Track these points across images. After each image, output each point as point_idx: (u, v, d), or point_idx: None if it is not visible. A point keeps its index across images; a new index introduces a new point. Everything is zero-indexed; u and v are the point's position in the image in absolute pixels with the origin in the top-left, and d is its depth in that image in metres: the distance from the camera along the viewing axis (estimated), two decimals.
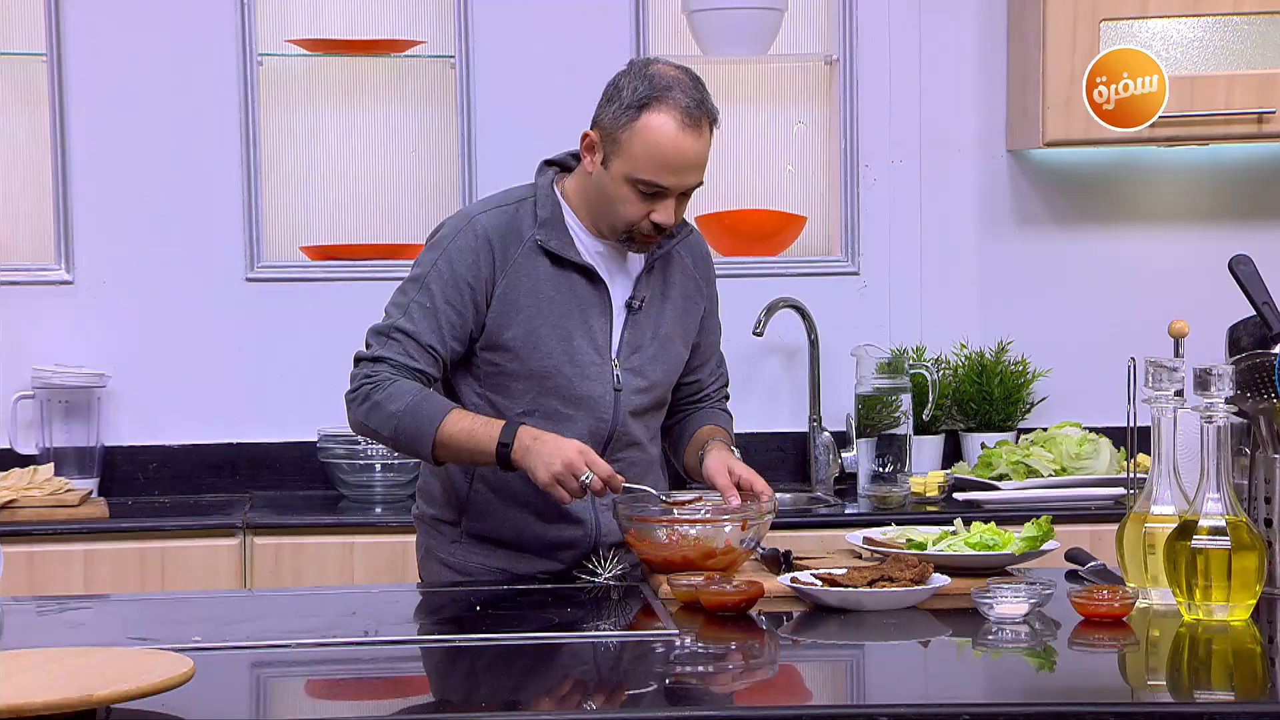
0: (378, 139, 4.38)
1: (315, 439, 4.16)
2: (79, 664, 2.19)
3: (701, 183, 2.99)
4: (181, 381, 4.26)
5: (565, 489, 2.85)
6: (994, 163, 4.44)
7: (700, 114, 2.92)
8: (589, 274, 3.01)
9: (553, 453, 2.86)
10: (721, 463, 3.00)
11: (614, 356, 3.03)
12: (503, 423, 2.92)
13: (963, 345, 4.40)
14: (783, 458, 4.35)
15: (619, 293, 3.05)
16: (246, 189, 4.25)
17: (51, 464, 4.05)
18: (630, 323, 3.04)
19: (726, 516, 2.89)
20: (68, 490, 3.93)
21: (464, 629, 2.63)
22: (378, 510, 4.00)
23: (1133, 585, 2.68)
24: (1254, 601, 2.54)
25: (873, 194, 4.41)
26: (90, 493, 4.07)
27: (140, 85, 4.24)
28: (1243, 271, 2.87)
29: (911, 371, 4.15)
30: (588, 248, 3.03)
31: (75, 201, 4.23)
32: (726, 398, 3.30)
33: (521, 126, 4.33)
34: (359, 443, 4.08)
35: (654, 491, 2.97)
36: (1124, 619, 2.56)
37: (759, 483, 2.95)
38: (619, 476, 2.89)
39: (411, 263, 3.08)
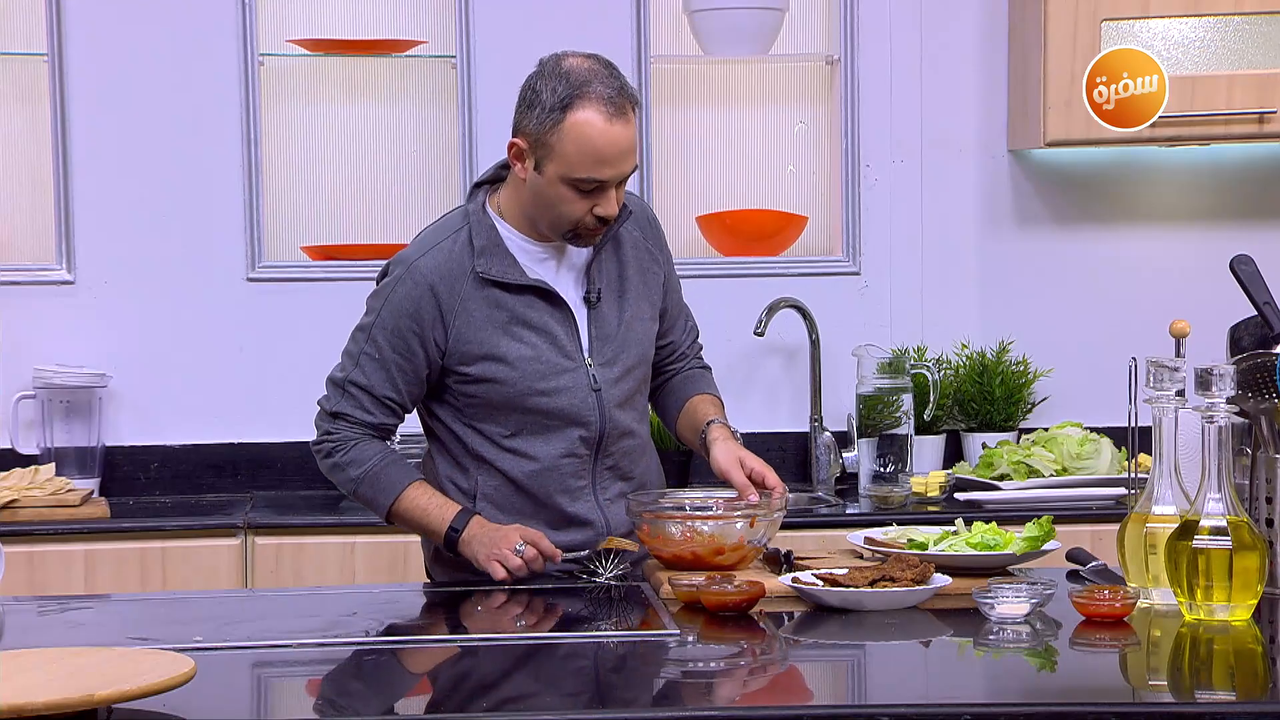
0: (379, 139, 4.38)
1: None
2: (80, 664, 2.19)
3: (637, 167, 2.98)
4: (182, 381, 4.26)
5: (503, 564, 2.90)
6: (995, 163, 4.44)
7: (623, 101, 2.91)
8: (538, 289, 3.01)
9: (494, 536, 2.94)
10: (732, 456, 3.00)
11: (586, 357, 3.03)
12: (458, 509, 2.98)
13: (964, 345, 4.40)
14: (784, 458, 4.35)
15: (574, 291, 3.05)
16: (247, 189, 4.25)
17: (52, 464, 4.05)
18: (593, 317, 3.05)
19: (739, 513, 2.90)
20: (69, 490, 3.93)
21: (465, 629, 2.62)
22: None
23: (1134, 585, 2.68)
24: (1255, 602, 2.54)
25: (874, 194, 4.41)
26: (91, 493, 4.07)
27: (141, 85, 4.24)
28: (1244, 271, 2.87)
29: (912, 371, 4.15)
30: (532, 257, 3.02)
31: (76, 201, 4.23)
32: (700, 347, 3.31)
33: None
34: None
35: (584, 554, 2.98)
36: (1125, 619, 2.56)
37: (771, 476, 2.97)
38: (557, 551, 2.94)
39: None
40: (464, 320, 2.99)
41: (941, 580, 2.71)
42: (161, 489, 4.23)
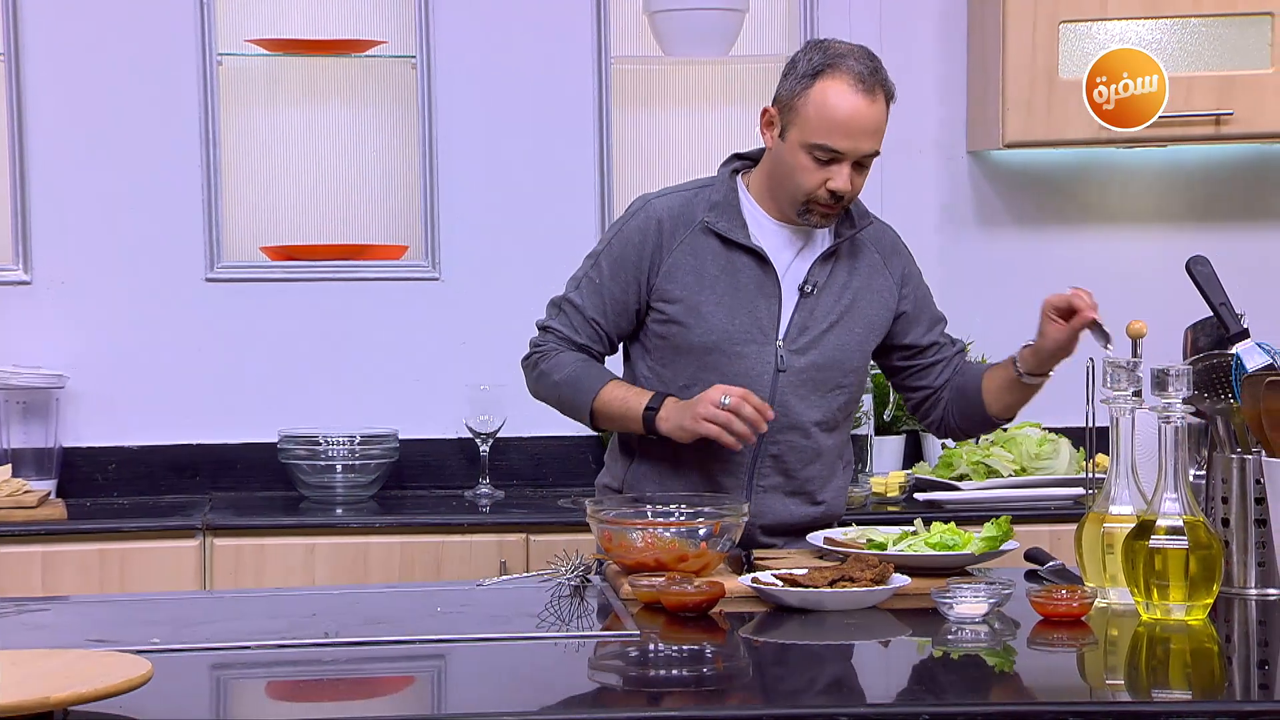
0: (338, 139, 4.36)
1: (276, 440, 4.15)
2: (37, 666, 2.18)
3: (878, 152, 3.06)
4: (141, 382, 4.24)
5: (713, 420, 2.94)
6: (954, 164, 4.46)
7: (874, 81, 3.03)
8: (758, 256, 3.08)
9: (692, 401, 3.00)
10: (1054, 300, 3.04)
11: (780, 338, 3.09)
12: (655, 393, 3.06)
13: None
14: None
15: (792, 277, 3.11)
16: (206, 189, 4.23)
17: (9, 465, 4.03)
18: (802, 306, 3.11)
19: (700, 519, 2.89)
20: (26, 491, 3.90)
21: (423, 630, 2.62)
22: (338, 511, 3.99)
23: (1091, 585, 2.69)
24: (1211, 601, 2.55)
25: None
26: (49, 494, 4.04)
27: (99, 84, 4.22)
28: (1200, 272, 2.88)
29: (873, 372, 4.16)
30: (764, 231, 3.10)
31: (33, 201, 4.20)
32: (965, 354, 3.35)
33: (483, 126, 4.33)
34: (320, 443, 4.07)
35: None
36: (1083, 618, 2.57)
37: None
38: (767, 407, 2.97)
39: None
40: (676, 260, 3.09)
41: (900, 580, 2.71)
42: (120, 490, 4.21)
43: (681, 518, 2.91)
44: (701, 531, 2.87)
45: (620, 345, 3.22)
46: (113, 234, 4.24)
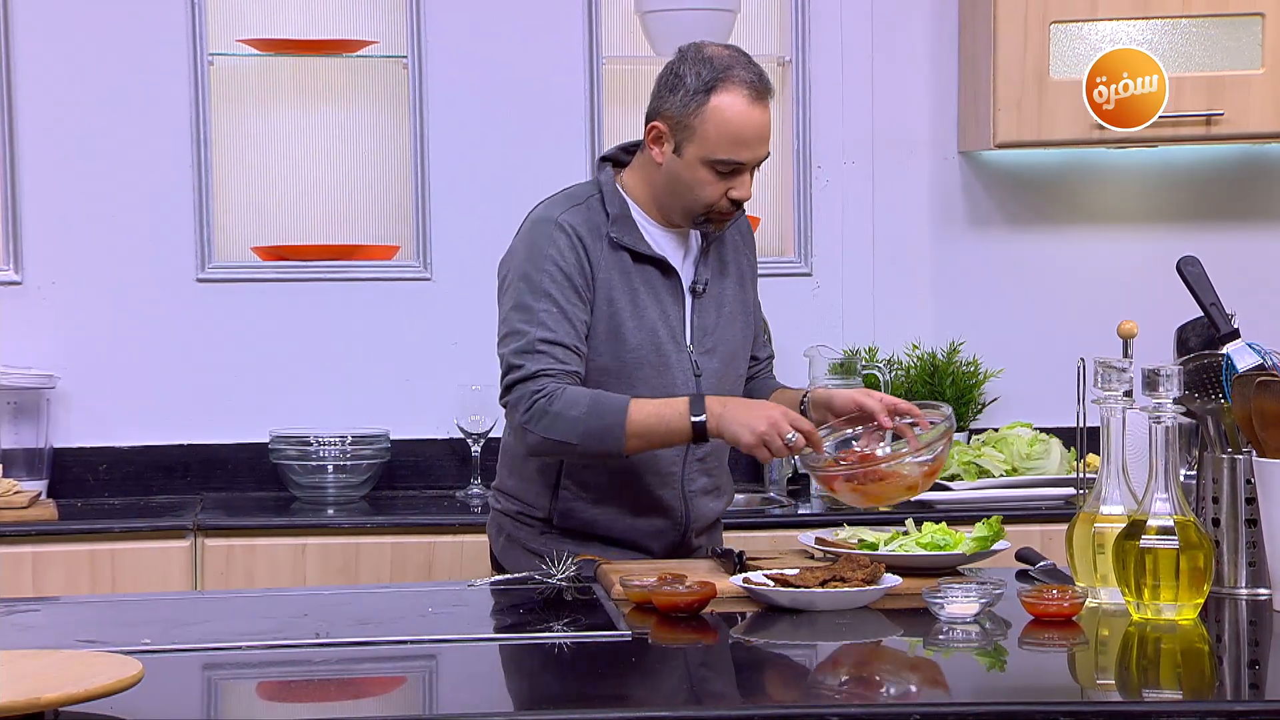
0: (330, 139, 4.36)
1: (267, 440, 4.15)
2: (27, 666, 2.18)
3: (769, 154, 3.04)
4: (132, 383, 4.24)
5: (769, 449, 2.89)
6: (946, 164, 4.46)
7: (763, 87, 3.01)
8: (662, 265, 3.07)
9: (755, 415, 2.92)
10: (847, 394, 3.05)
11: (689, 343, 3.08)
12: (685, 399, 2.95)
13: (915, 346, 4.42)
14: (736, 458, 4.33)
15: (685, 280, 3.11)
16: (197, 189, 4.23)
17: (0, 465, 4.02)
18: (696, 307, 3.11)
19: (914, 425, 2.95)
20: (16, 492, 3.90)
21: (414, 630, 2.62)
22: (329, 511, 3.99)
23: (1082, 585, 2.70)
24: (1202, 601, 2.56)
25: (825, 195, 4.43)
26: (39, 494, 4.04)
27: (90, 84, 4.22)
28: (1190, 273, 2.89)
29: (864, 372, 4.17)
30: (655, 238, 3.09)
31: (24, 201, 4.20)
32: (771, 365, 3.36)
33: (474, 127, 4.32)
34: (311, 443, 4.07)
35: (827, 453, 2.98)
36: (1073, 618, 2.58)
37: (902, 402, 3.01)
38: (818, 434, 2.95)
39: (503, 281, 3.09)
40: (602, 279, 3.04)
41: (892, 580, 2.72)
42: (111, 491, 4.21)
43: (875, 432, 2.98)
44: (919, 430, 2.95)
45: None
46: (104, 234, 4.23)
